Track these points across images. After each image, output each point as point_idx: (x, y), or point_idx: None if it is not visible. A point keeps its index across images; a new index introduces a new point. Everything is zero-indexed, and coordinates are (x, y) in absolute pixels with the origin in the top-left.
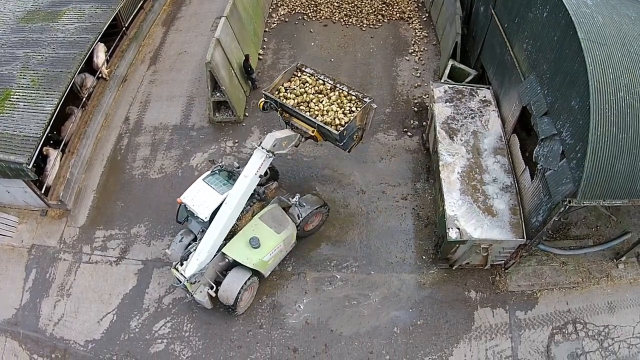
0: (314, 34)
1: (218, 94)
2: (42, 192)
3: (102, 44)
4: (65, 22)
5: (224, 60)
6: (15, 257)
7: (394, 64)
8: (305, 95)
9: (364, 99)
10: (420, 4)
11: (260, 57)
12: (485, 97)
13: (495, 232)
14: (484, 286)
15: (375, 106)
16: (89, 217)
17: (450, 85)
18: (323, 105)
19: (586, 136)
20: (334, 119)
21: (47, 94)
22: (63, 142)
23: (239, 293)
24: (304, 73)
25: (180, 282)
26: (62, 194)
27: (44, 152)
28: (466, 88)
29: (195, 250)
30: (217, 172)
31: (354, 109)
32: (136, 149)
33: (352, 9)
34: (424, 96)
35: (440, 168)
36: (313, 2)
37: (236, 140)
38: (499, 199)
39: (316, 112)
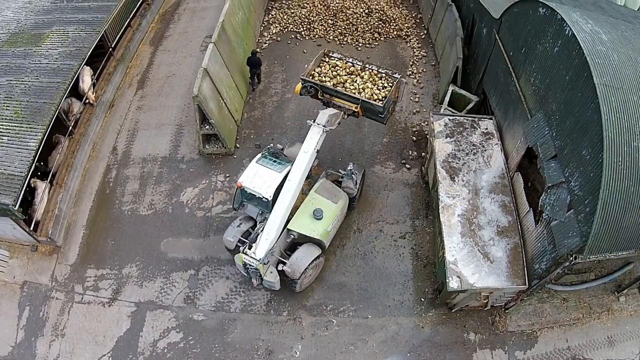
0: (308, 55)
1: (207, 127)
2: (32, 227)
3: (88, 67)
4: (48, 47)
5: (213, 91)
6: (7, 293)
7: None
8: (338, 77)
9: (394, 75)
10: (418, 21)
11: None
12: (487, 128)
13: (495, 278)
14: (483, 327)
15: (405, 81)
16: (80, 254)
17: (451, 117)
18: (358, 84)
19: (597, 191)
20: (372, 95)
21: (30, 128)
22: (51, 174)
23: (306, 268)
24: (332, 58)
25: (253, 265)
26: (51, 231)
27: (32, 185)
28: (467, 119)
29: (262, 230)
30: (267, 153)
31: (386, 84)
32: (125, 182)
33: (347, 26)
34: (422, 124)
35: (440, 211)
36: (306, 20)
37: (227, 175)
38: (501, 242)
39: (353, 91)
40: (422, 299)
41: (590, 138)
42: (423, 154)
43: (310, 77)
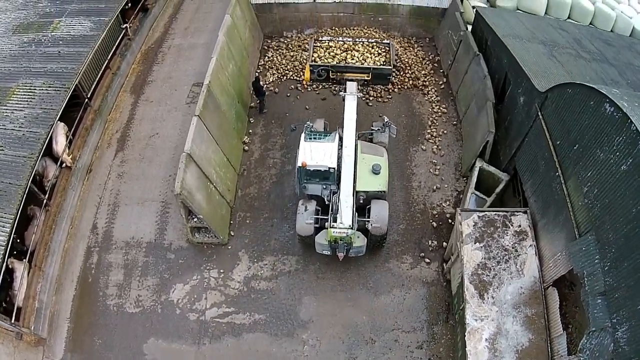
0: (310, 112)
1: (195, 220)
2: (14, 314)
3: (62, 124)
4: (14, 107)
5: (199, 179)
6: None
7: (408, 157)
8: (337, 56)
9: (384, 42)
10: (435, 65)
11: (246, 147)
12: (520, 226)
13: None
14: None
15: (394, 44)
16: (66, 350)
17: (480, 214)
18: (357, 57)
19: None
20: (375, 62)
21: None
22: (29, 252)
23: (387, 221)
24: (323, 42)
25: (345, 235)
26: (34, 326)
27: (9, 266)
28: (499, 216)
29: (340, 199)
30: (308, 131)
31: (380, 51)
32: (108, 271)
33: None
34: (444, 204)
35: (466, 337)
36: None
37: (222, 270)
38: None
39: (359, 63)
40: None
41: None
42: (444, 243)
43: (314, 62)
